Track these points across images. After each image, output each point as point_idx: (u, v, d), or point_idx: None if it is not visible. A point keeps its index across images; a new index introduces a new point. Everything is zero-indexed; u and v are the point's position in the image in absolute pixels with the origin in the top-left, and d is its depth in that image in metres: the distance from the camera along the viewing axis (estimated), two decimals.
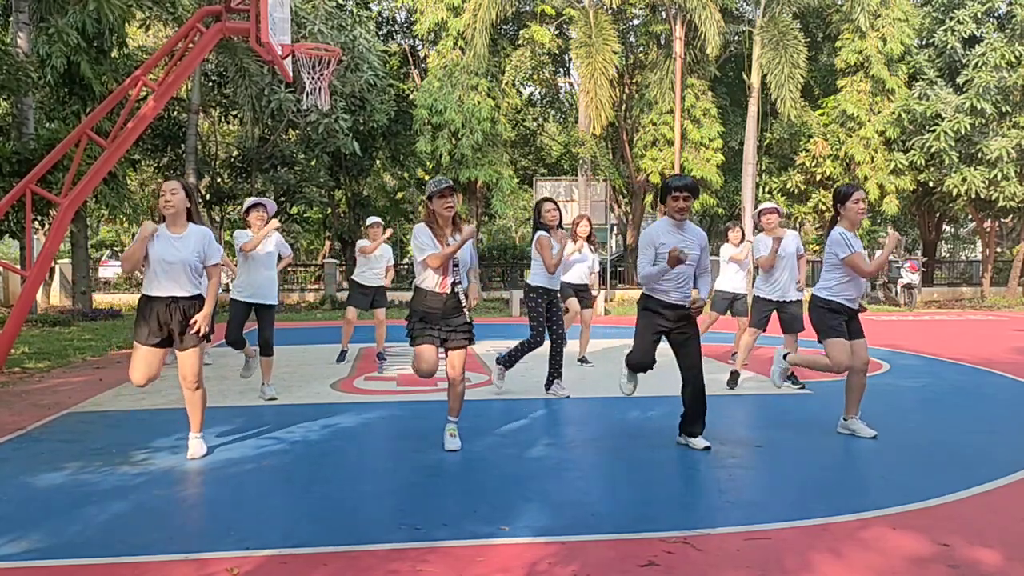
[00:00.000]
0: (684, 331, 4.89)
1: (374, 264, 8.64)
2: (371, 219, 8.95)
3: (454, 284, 4.77)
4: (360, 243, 8.79)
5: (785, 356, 5.63)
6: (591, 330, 8.90)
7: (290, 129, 20.51)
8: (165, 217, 4.60)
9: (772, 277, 7.02)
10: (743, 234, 8.58)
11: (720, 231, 24.66)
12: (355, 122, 18.31)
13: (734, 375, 7.15)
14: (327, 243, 26.02)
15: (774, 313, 7.09)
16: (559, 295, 6.86)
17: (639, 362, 4.98)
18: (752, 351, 7.34)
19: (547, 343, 6.80)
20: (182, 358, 4.63)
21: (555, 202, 6.83)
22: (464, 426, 5.41)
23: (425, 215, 4.86)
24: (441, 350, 4.84)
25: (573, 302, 8.22)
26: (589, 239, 8.32)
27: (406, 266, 29.01)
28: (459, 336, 4.81)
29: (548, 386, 6.87)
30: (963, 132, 19.01)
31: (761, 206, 7.19)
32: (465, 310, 4.82)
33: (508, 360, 6.82)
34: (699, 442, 4.90)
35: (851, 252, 5.01)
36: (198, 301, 4.63)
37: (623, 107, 23.08)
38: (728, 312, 8.29)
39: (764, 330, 7.16)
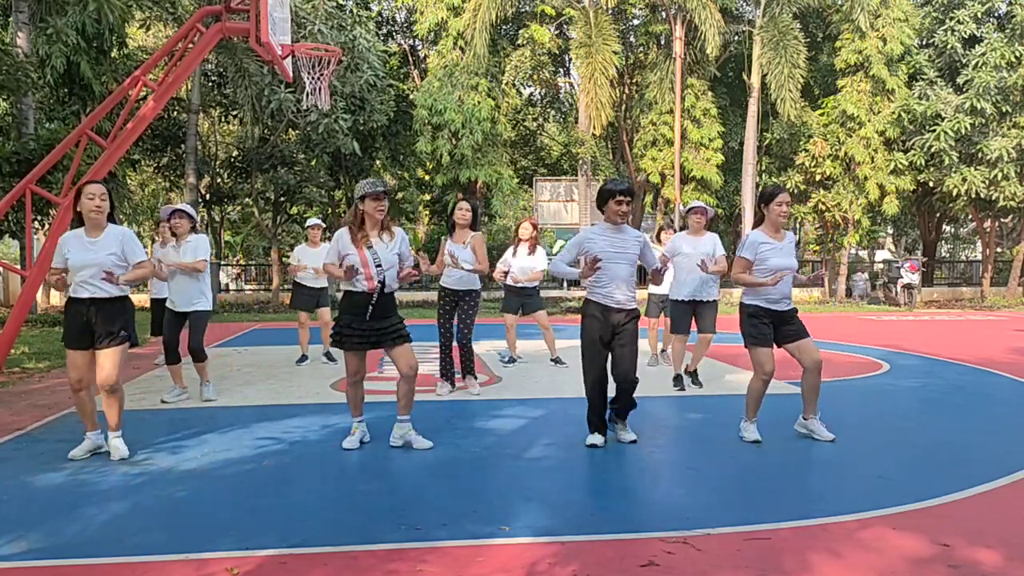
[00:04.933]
0: (623, 336, 4.87)
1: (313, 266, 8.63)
2: (311, 220, 8.94)
3: (382, 285, 4.77)
4: (296, 254, 8.74)
5: (743, 420, 5.30)
6: (552, 329, 8.90)
7: (290, 129, 20.49)
8: (85, 221, 4.63)
9: (679, 279, 7.01)
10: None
11: (719, 231, 24.68)
12: (355, 122, 18.29)
13: (678, 378, 7.04)
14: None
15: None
16: (469, 296, 6.85)
17: (596, 381, 4.89)
18: (683, 354, 7.22)
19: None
20: (100, 359, 4.63)
21: (471, 203, 6.94)
22: (464, 426, 5.42)
23: (352, 216, 4.84)
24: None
25: (510, 318, 8.53)
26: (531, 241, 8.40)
27: None
28: (390, 338, 4.82)
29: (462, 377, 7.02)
30: (963, 132, 19.00)
31: (690, 204, 7.13)
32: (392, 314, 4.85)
33: (442, 371, 6.93)
34: (626, 434, 5.04)
35: (739, 254, 5.01)
36: (119, 302, 4.67)
37: (623, 107, 23.08)
38: (662, 314, 8.30)
39: (687, 333, 7.15)
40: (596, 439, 4.96)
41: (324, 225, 9.05)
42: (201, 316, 6.49)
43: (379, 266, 4.76)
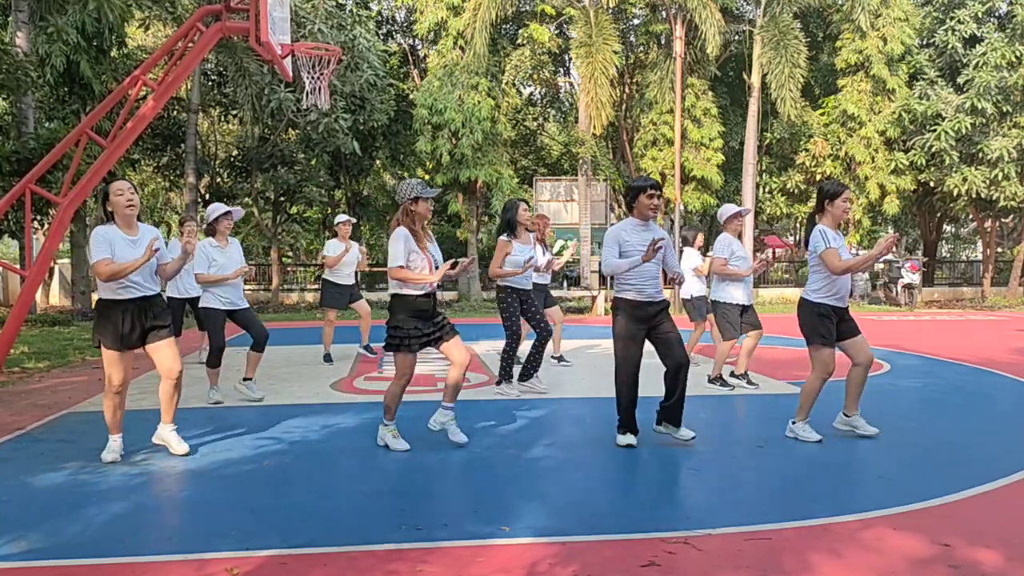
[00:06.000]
0: (663, 327, 4.93)
1: (348, 262, 8.82)
2: (341, 216, 9.05)
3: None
4: (328, 249, 8.81)
5: (794, 422, 5.21)
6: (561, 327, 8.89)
7: (290, 129, 20.49)
8: (115, 218, 4.55)
9: (733, 282, 7.02)
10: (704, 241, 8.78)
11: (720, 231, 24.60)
12: (355, 122, 18.30)
13: (720, 379, 7.12)
14: (326, 243, 26.02)
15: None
16: (531, 294, 6.91)
17: (629, 376, 4.92)
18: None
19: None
20: (161, 351, 4.64)
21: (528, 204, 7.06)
22: (464, 426, 5.40)
23: (403, 217, 4.79)
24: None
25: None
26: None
27: None
28: (447, 328, 4.90)
29: (526, 378, 6.88)
30: (964, 132, 18.99)
31: (738, 208, 7.12)
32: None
33: (504, 373, 6.82)
34: (685, 432, 4.97)
35: (826, 246, 4.95)
36: (160, 297, 4.74)
37: (623, 107, 23.06)
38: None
39: (737, 337, 7.17)
40: (630, 439, 4.93)
41: (354, 221, 9.16)
42: (251, 309, 6.63)
43: (437, 267, 4.82)
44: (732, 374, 7.28)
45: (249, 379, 6.63)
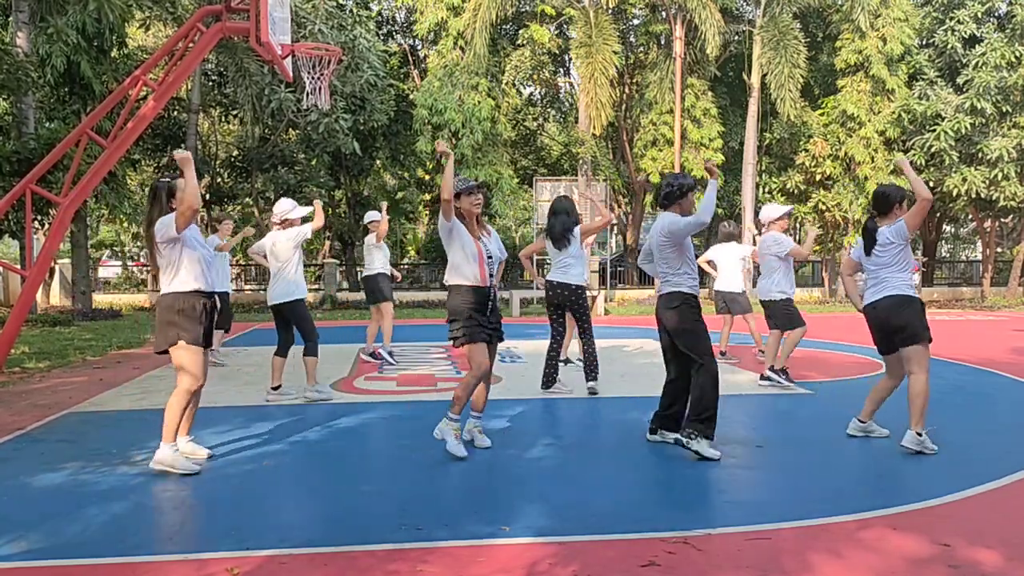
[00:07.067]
0: None
1: (387, 253, 8.88)
2: (373, 215, 8.98)
3: (491, 278, 4.79)
4: (369, 239, 8.85)
5: (919, 433, 4.80)
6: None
7: (290, 129, 20.51)
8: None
9: (788, 276, 7.11)
10: None
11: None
12: (355, 122, 18.31)
13: (784, 371, 7.16)
14: (327, 243, 26.02)
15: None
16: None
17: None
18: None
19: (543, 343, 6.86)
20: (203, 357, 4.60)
21: None
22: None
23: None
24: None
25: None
26: None
27: (406, 266, 28.99)
28: (498, 334, 4.86)
29: (549, 386, 6.89)
30: (963, 132, 18.99)
31: (787, 208, 7.30)
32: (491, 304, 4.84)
33: (591, 369, 6.75)
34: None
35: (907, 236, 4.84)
36: (217, 297, 4.68)
37: (623, 107, 23.07)
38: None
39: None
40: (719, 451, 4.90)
41: (388, 218, 9.22)
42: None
43: (490, 258, 4.79)
44: (771, 368, 7.22)
45: (279, 386, 6.67)
